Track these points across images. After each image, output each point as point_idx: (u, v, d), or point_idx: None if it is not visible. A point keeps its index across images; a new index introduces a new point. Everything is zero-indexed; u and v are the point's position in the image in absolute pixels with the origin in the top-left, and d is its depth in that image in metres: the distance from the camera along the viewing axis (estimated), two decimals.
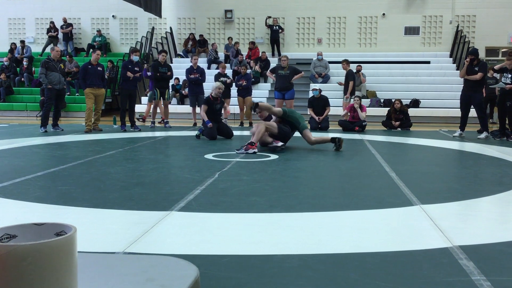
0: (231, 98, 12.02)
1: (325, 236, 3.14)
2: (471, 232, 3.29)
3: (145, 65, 11.00)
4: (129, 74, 10.28)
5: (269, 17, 17.68)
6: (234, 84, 12.05)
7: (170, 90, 11.78)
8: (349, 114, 10.97)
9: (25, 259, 0.73)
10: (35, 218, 3.54)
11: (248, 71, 12.80)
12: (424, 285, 2.33)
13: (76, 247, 0.83)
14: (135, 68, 10.48)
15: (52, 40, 18.37)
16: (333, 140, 7.39)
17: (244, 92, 11.78)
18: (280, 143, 7.18)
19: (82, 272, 0.86)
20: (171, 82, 13.21)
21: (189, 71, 11.47)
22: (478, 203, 4.19)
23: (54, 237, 0.82)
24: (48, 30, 18.55)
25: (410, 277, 2.43)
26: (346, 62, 12.03)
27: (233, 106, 12.68)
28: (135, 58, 10.54)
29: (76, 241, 0.83)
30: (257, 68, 11.83)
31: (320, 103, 11.06)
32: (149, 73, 11.64)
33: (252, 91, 12.46)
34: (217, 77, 11.77)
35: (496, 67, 9.89)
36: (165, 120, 11.39)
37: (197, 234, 3.17)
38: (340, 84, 13.58)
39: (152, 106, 11.66)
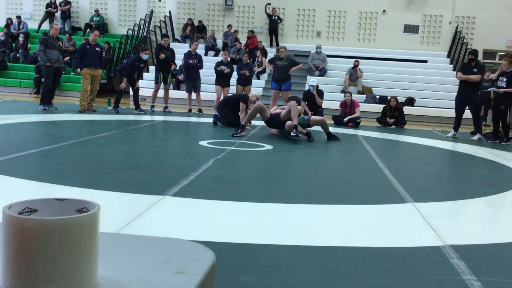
0: (230, 86, 11.99)
1: (318, 228, 3.15)
2: (463, 232, 3.32)
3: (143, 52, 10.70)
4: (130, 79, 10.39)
5: (269, 4, 17.53)
6: (235, 72, 11.96)
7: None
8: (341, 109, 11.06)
9: (50, 234, 0.71)
10: (28, 195, 3.52)
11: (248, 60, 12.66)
12: (416, 282, 2.35)
13: (99, 225, 0.82)
14: (141, 65, 10.52)
15: (49, 16, 18.14)
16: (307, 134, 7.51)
17: (245, 82, 11.73)
18: (297, 134, 7.20)
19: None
20: None
21: (187, 56, 11.36)
22: (470, 204, 4.21)
23: (77, 213, 0.80)
24: (48, 6, 18.30)
25: (401, 273, 2.45)
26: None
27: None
28: (145, 57, 10.51)
29: (99, 218, 0.81)
30: (244, 57, 11.68)
31: (315, 97, 11.02)
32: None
33: (252, 81, 12.40)
34: (218, 65, 11.68)
35: (493, 76, 9.90)
36: (164, 105, 11.32)
37: (190, 220, 3.16)
38: None
39: (155, 90, 11.49)
